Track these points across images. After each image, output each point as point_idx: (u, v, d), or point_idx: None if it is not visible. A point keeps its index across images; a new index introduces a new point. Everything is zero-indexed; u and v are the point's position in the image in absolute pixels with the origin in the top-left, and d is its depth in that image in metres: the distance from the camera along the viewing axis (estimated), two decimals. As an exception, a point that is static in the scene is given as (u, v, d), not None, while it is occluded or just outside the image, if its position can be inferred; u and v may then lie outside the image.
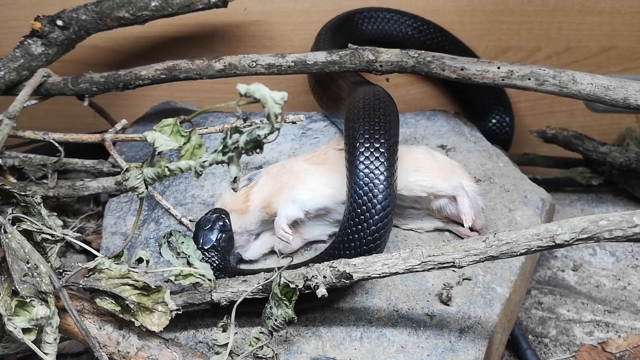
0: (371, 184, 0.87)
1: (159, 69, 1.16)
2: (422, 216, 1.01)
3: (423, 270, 0.80)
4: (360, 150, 0.89)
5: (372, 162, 0.88)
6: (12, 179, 1.13)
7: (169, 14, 1.19)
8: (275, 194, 0.96)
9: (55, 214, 1.22)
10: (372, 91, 1.03)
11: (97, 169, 1.21)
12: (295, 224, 0.97)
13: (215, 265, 0.91)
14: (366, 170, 0.88)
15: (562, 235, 0.75)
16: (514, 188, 1.11)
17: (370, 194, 0.87)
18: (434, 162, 0.99)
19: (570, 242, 0.74)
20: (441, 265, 0.79)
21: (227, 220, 0.95)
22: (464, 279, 0.94)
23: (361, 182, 0.87)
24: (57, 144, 1.13)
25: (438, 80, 1.44)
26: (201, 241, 0.93)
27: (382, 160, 0.88)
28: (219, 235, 0.93)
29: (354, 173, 0.89)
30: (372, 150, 0.89)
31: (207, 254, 0.92)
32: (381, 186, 0.87)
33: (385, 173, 0.88)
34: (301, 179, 0.96)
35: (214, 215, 0.95)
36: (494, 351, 0.93)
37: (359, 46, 1.12)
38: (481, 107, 1.43)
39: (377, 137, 0.90)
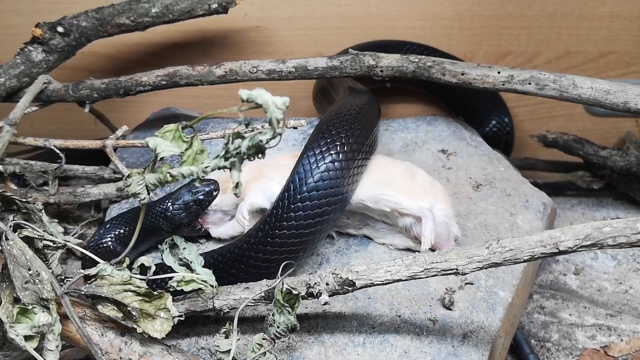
0: (302, 180, 0.88)
1: (159, 75, 1.16)
2: (394, 232, 0.99)
3: (426, 277, 0.80)
4: (310, 150, 0.90)
5: (316, 162, 0.89)
6: (13, 186, 1.13)
7: (169, 20, 1.20)
8: (252, 181, 0.98)
9: (56, 220, 1.22)
10: (353, 99, 1.04)
11: (98, 176, 1.20)
12: (262, 213, 0.97)
13: (167, 218, 0.98)
14: (306, 167, 0.89)
15: (565, 242, 0.75)
16: (515, 192, 1.11)
17: (298, 190, 0.88)
18: (408, 179, 0.98)
19: (574, 248, 0.74)
20: (444, 272, 0.79)
21: (209, 199, 0.99)
22: (466, 284, 0.94)
23: (296, 177, 0.89)
24: (57, 151, 1.13)
25: (434, 91, 1.44)
26: (175, 195, 1.00)
27: (327, 163, 0.89)
28: (191, 204, 0.99)
29: (294, 169, 0.90)
30: (321, 152, 0.90)
31: (170, 206, 0.99)
32: (310, 186, 0.88)
33: (321, 174, 0.89)
34: (280, 173, 0.97)
35: (206, 189, 0.99)
36: (497, 356, 0.93)
37: (359, 51, 1.12)
38: (480, 113, 1.43)
39: (333, 142, 0.91)
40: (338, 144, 0.91)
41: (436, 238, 0.94)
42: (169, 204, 0.99)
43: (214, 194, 0.99)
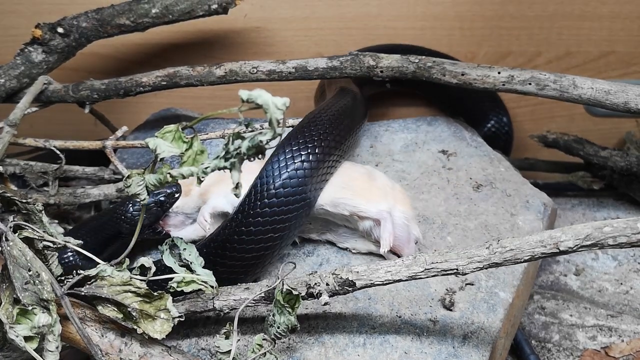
0: (270, 180, 0.87)
1: (159, 75, 1.16)
2: (356, 237, 0.99)
3: (426, 277, 0.80)
4: (280, 151, 0.90)
5: (284, 163, 0.89)
6: (13, 187, 1.13)
7: (169, 20, 1.20)
8: (216, 184, 0.97)
9: (57, 221, 1.22)
10: (332, 103, 1.04)
11: (98, 176, 1.20)
12: (224, 217, 0.97)
13: (126, 221, 0.96)
14: (274, 168, 0.89)
15: (566, 242, 0.75)
16: (515, 193, 1.11)
17: (266, 187, 0.87)
18: (366, 182, 0.97)
19: (574, 248, 0.74)
20: (444, 272, 0.79)
21: (171, 201, 0.98)
22: (466, 284, 0.94)
23: (263, 176, 0.88)
24: (58, 152, 1.13)
25: (430, 92, 1.44)
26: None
27: (295, 163, 0.89)
28: (152, 205, 0.96)
29: (262, 169, 0.90)
30: (290, 153, 0.90)
31: (130, 208, 0.96)
32: (277, 184, 0.87)
33: (288, 174, 0.88)
34: (244, 177, 0.96)
35: (167, 190, 0.97)
36: (498, 356, 0.93)
37: (359, 52, 1.12)
38: (478, 113, 1.43)
39: (302, 143, 0.91)
40: (307, 147, 0.91)
41: (396, 240, 0.94)
42: (129, 205, 0.97)
43: (176, 196, 0.97)
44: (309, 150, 0.91)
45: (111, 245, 1.00)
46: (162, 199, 0.97)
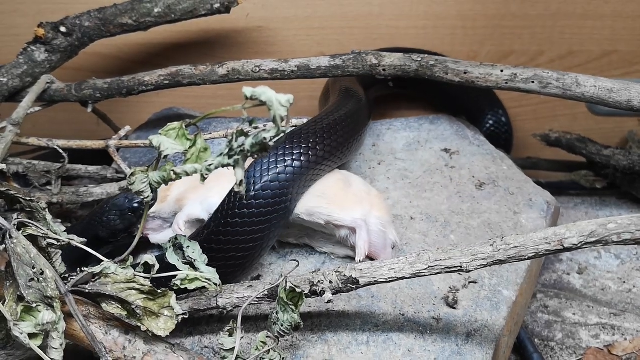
0: (252, 181, 0.87)
1: (162, 74, 1.16)
2: (334, 242, 0.99)
3: (430, 275, 0.80)
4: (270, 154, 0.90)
5: (268, 167, 0.89)
6: (16, 186, 1.13)
7: (172, 20, 1.20)
8: (191, 190, 0.97)
9: (60, 220, 1.22)
10: (332, 111, 1.04)
11: (100, 175, 1.20)
12: (200, 224, 0.97)
13: (102, 225, 0.96)
14: (257, 169, 0.89)
15: (570, 239, 0.74)
16: (518, 191, 1.11)
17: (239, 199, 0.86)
18: (341, 190, 0.97)
19: (579, 245, 0.74)
20: (448, 270, 0.79)
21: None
22: (470, 282, 0.94)
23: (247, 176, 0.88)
24: (61, 151, 1.13)
25: (432, 95, 1.44)
26: (112, 201, 0.97)
27: (279, 168, 0.89)
28: (126, 211, 0.96)
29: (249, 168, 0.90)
30: (276, 157, 0.90)
31: (106, 212, 0.96)
32: (256, 187, 0.87)
33: (269, 178, 0.88)
34: (219, 184, 0.95)
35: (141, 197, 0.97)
36: (501, 355, 0.93)
37: (361, 50, 1.12)
38: (475, 111, 1.43)
39: (293, 147, 0.91)
40: (293, 156, 0.92)
41: (372, 247, 0.93)
42: (106, 210, 0.97)
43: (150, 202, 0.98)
44: (294, 158, 0.91)
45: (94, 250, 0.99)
46: (135, 205, 0.96)
